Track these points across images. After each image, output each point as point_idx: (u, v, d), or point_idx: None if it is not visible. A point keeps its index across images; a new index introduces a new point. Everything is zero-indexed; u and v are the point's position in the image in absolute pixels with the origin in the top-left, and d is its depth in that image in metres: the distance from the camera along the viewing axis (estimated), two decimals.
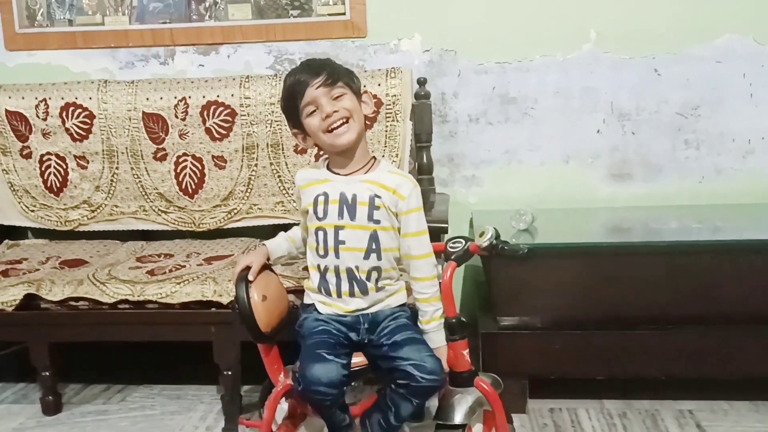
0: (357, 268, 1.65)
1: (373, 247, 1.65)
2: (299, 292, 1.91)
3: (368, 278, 1.66)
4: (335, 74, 1.65)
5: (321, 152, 2.46)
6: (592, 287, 2.12)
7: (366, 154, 1.71)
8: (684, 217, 2.46)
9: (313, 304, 1.73)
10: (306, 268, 1.80)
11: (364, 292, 1.67)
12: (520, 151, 2.65)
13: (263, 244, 1.81)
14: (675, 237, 2.25)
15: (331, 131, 1.64)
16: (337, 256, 1.66)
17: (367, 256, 1.65)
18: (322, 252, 1.68)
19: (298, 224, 1.89)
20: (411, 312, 1.73)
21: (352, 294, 1.67)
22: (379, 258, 1.65)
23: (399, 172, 1.73)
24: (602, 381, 2.19)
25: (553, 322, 2.16)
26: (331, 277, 1.67)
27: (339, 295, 1.68)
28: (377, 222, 1.64)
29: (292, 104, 1.67)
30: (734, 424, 2.09)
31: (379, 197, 1.64)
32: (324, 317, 1.69)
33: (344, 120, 1.64)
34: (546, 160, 2.65)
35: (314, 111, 1.64)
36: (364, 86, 1.77)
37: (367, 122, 1.76)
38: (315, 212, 1.68)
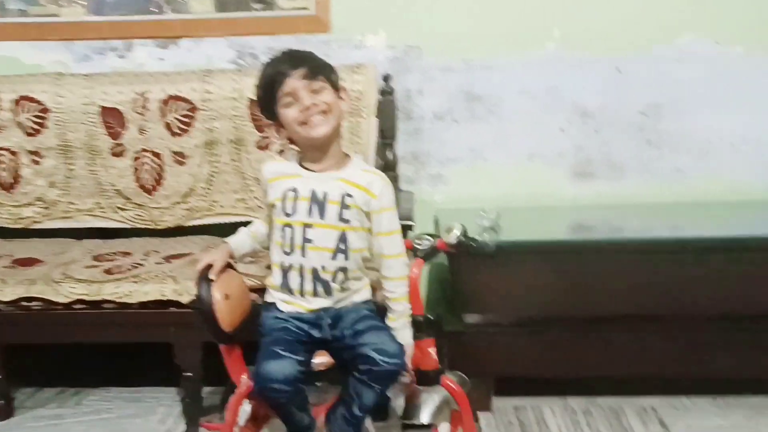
0: (323, 267, 1.62)
1: (341, 247, 1.62)
2: (262, 290, 1.86)
3: (334, 279, 1.63)
4: (317, 67, 1.62)
5: (285, 149, 2.44)
6: (557, 285, 2.12)
7: (339, 151, 1.68)
8: (646, 215, 2.49)
9: (274, 303, 1.69)
10: (270, 266, 1.76)
11: (328, 292, 1.64)
12: (485, 149, 2.64)
13: (225, 242, 1.77)
14: (638, 235, 2.27)
15: (307, 123, 1.60)
16: (303, 254, 1.63)
17: (334, 257, 1.62)
18: (288, 249, 1.64)
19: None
20: (376, 307, 1.71)
21: (315, 294, 1.64)
22: (346, 258, 1.63)
23: (372, 169, 1.71)
24: (566, 379, 2.20)
25: (518, 320, 2.16)
26: (294, 276, 1.64)
27: (302, 295, 1.65)
28: (347, 222, 1.62)
29: (269, 94, 1.63)
30: (695, 419, 2.12)
31: (350, 196, 1.62)
32: (284, 315, 1.66)
33: (322, 113, 1.61)
34: (511, 158, 2.65)
35: (292, 102, 1.61)
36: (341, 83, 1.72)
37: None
38: (283, 208, 1.65)
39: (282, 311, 1.67)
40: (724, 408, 2.18)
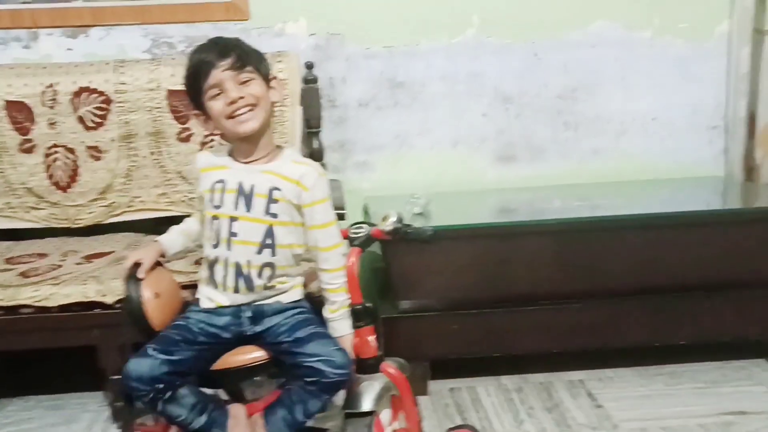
0: (249, 263, 1.58)
1: (268, 242, 1.58)
2: (193, 287, 1.81)
3: (260, 274, 1.59)
4: (244, 57, 1.56)
5: (210, 140, 2.38)
6: (487, 267, 2.17)
7: (270, 142, 1.63)
8: (567, 196, 2.57)
9: (197, 299, 1.64)
10: (199, 261, 1.71)
11: (250, 288, 1.59)
12: (410, 136, 2.66)
13: (156, 240, 1.70)
14: (559, 215, 2.35)
15: (234, 117, 1.55)
16: (228, 248, 1.58)
17: (260, 251, 1.58)
18: (214, 242, 1.60)
19: (188, 216, 1.79)
20: (310, 306, 1.67)
21: (236, 290, 1.59)
22: (273, 254, 1.59)
23: (304, 161, 1.65)
24: (499, 358, 2.25)
25: (450, 303, 2.19)
26: (219, 270, 1.60)
27: (224, 288, 1.60)
28: (274, 216, 1.57)
29: (195, 84, 1.57)
30: (620, 389, 2.22)
31: (278, 190, 1.57)
32: (194, 313, 1.61)
33: (250, 107, 1.55)
34: (435, 144, 2.67)
35: (218, 94, 1.55)
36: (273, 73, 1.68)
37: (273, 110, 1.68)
38: (211, 199, 1.60)
39: (200, 308, 1.62)
40: (646, 377, 2.28)
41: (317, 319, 1.64)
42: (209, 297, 1.63)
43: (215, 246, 1.59)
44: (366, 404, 1.61)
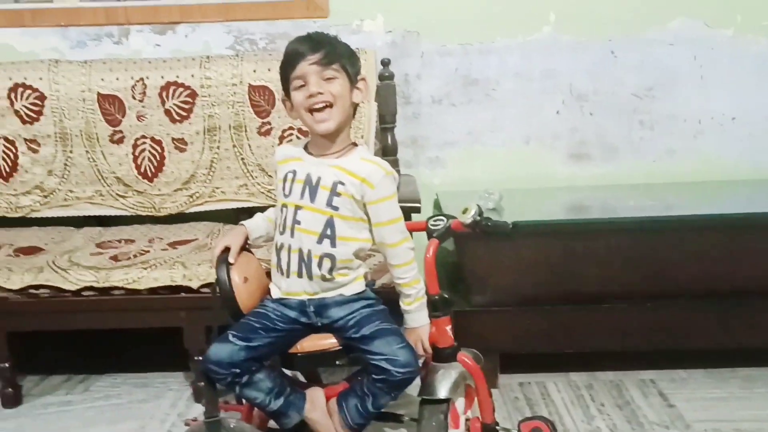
0: (309, 251, 1.62)
1: (327, 232, 1.62)
2: None
3: (320, 265, 1.63)
4: (334, 55, 1.60)
5: (288, 134, 2.46)
6: (561, 264, 2.17)
7: (346, 139, 1.68)
8: (640, 195, 2.55)
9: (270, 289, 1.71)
10: None
11: (309, 276, 1.64)
12: (482, 132, 2.69)
13: (241, 224, 1.78)
14: (634, 215, 2.33)
15: (312, 112, 1.61)
16: (292, 235, 1.64)
17: (320, 241, 1.62)
18: (281, 229, 1.66)
19: (268, 207, 1.85)
20: (375, 299, 1.70)
21: (300, 275, 1.64)
22: (333, 245, 1.62)
23: (373, 159, 1.66)
24: (569, 355, 2.26)
25: (522, 299, 2.21)
26: (284, 255, 1.65)
27: (287, 274, 1.66)
28: (335, 208, 1.62)
29: (284, 72, 1.64)
30: (692, 390, 2.20)
31: (342, 184, 1.61)
32: (270, 300, 1.68)
33: (326, 104, 1.60)
34: (507, 141, 2.69)
35: (302, 86, 1.61)
36: (363, 74, 1.71)
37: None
38: (283, 188, 1.67)
39: (271, 297, 1.69)
40: (719, 379, 2.25)
41: (383, 312, 1.68)
42: (277, 284, 1.69)
43: (282, 233, 1.66)
44: (442, 392, 1.66)
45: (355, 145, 1.70)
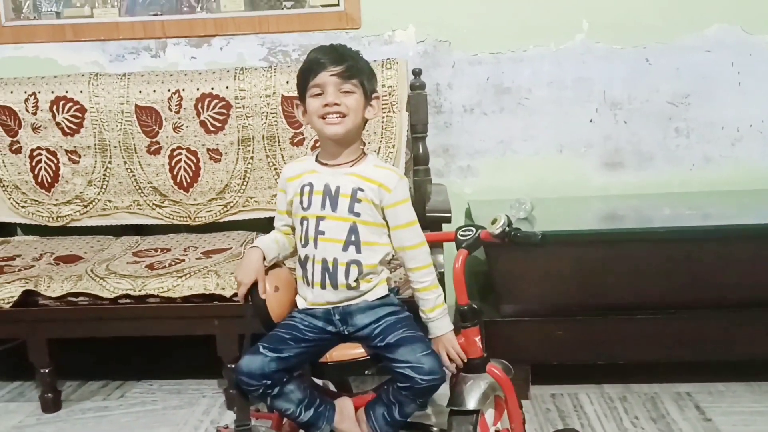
0: (335, 260, 1.64)
1: (352, 239, 1.64)
2: None
3: (347, 273, 1.64)
4: (354, 70, 1.64)
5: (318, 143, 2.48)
6: (592, 274, 2.15)
7: (357, 149, 1.70)
8: (676, 204, 2.51)
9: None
10: None
11: (334, 285, 1.65)
12: (514, 141, 2.67)
13: (255, 247, 1.72)
14: (669, 224, 2.30)
15: (324, 118, 1.64)
16: (315, 246, 1.65)
17: (345, 248, 1.64)
18: (303, 242, 1.68)
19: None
20: (399, 305, 1.71)
21: (323, 286, 1.65)
22: (358, 251, 1.64)
23: (385, 165, 1.72)
24: (602, 366, 2.23)
25: (554, 309, 2.19)
26: (309, 267, 1.67)
27: (312, 285, 1.67)
28: (357, 215, 1.64)
29: (303, 78, 1.67)
30: (731, 404, 2.15)
31: (362, 190, 1.64)
32: (298, 312, 1.69)
33: (340, 115, 1.63)
34: (540, 149, 2.68)
35: (319, 94, 1.64)
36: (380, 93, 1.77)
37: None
38: (300, 202, 1.68)
39: (298, 308, 1.70)
40: (759, 393, 2.20)
41: (408, 318, 1.68)
42: (303, 296, 1.71)
43: (304, 245, 1.67)
44: (471, 402, 1.65)
45: (365, 154, 1.73)
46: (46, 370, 2.22)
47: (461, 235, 1.72)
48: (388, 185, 1.64)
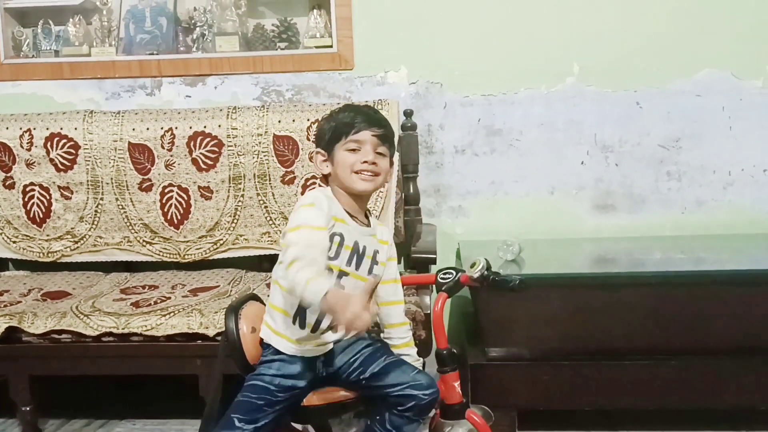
0: None
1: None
2: None
3: None
4: (389, 137, 1.69)
5: (311, 183, 2.48)
6: (580, 318, 2.13)
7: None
8: (667, 248, 2.49)
9: (270, 347, 1.65)
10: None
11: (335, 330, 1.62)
12: (505, 182, 2.68)
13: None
14: (660, 268, 2.28)
15: (358, 173, 1.65)
16: None
17: None
18: None
19: None
20: (373, 338, 1.73)
21: (332, 328, 1.63)
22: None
23: (378, 220, 1.83)
24: (590, 412, 2.19)
25: (541, 353, 2.16)
26: (320, 315, 1.62)
27: (315, 330, 1.63)
28: (375, 276, 1.67)
29: (336, 132, 1.66)
30: None
31: (378, 252, 1.69)
32: (271, 361, 1.64)
33: (373, 174, 1.66)
34: (531, 191, 2.67)
35: (356, 150, 1.65)
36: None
37: None
38: (329, 248, 1.64)
39: (282, 353, 1.63)
40: None
41: (384, 346, 1.71)
42: (288, 336, 1.64)
43: None
44: None
45: (368, 209, 1.76)
46: (28, 408, 2.20)
47: (441, 278, 1.71)
48: (390, 241, 1.74)
